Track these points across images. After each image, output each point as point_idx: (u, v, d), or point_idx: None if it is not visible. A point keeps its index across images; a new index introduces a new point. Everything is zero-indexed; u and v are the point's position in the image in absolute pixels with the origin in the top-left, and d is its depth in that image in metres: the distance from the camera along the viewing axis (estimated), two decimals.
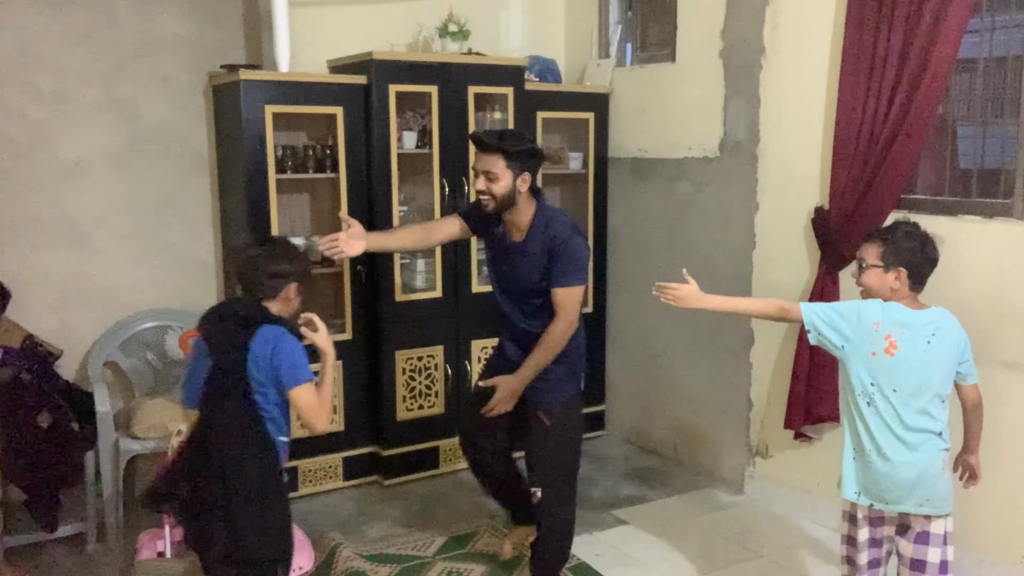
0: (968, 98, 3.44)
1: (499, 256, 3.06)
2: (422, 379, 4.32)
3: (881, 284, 2.58)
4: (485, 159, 2.87)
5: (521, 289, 3.00)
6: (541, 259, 2.91)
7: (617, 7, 4.93)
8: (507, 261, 3.01)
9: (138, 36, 4.09)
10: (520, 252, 2.96)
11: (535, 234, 2.93)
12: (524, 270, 2.96)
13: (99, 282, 4.09)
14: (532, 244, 2.93)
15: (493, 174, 2.85)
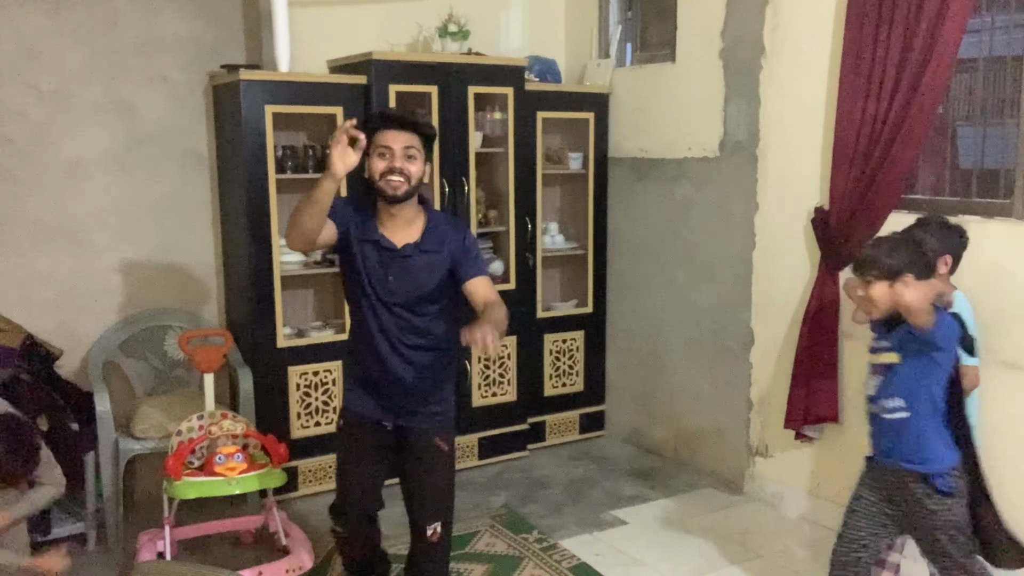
0: (968, 98, 3.44)
1: (380, 263, 2.62)
2: None
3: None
4: (401, 135, 2.56)
5: (414, 298, 2.64)
6: (444, 256, 2.63)
7: (617, 7, 4.93)
8: (395, 267, 2.62)
9: (138, 36, 4.09)
10: (418, 252, 2.62)
11: (432, 230, 2.64)
12: (423, 273, 2.63)
13: (99, 282, 4.09)
14: (430, 241, 2.63)
15: (414, 150, 2.56)
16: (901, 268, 2.50)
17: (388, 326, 2.66)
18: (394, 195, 2.55)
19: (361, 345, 2.72)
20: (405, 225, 2.63)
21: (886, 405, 2.61)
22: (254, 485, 3.29)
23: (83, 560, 3.53)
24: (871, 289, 2.55)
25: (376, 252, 2.62)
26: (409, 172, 2.55)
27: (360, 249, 2.63)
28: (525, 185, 4.53)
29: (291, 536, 3.44)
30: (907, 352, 2.57)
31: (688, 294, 4.47)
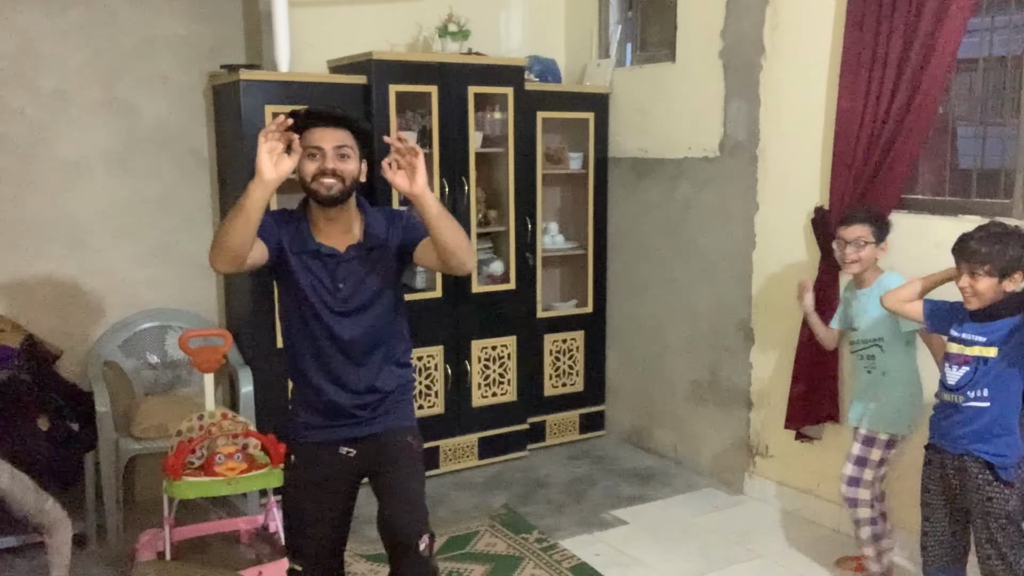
0: (968, 98, 3.44)
1: (327, 273, 2.40)
2: (422, 379, 4.32)
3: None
4: (332, 133, 2.34)
5: (370, 299, 2.44)
6: (390, 246, 2.45)
7: (617, 7, 4.93)
8: (343, 272, 2.40)
9: (138, 36, 4.09)
10: (363, 252, 2.42)
11: (372, 226, 2.45)
12: (374, 272, 2.44)
13: (99, 282, 4.09)
14: (373, 238, 2.43)
15: (347, 149, 2.35)
16: (1017, 265, 2.56)
17: (345, 336, 2.42)
18: (328, 196, 2.32)
19: (312, 365, 2.44)
20: (344, 228, 2.42)
21: (970, 395, 2.64)
22: (254, 485, 3.29)
23: (83, 560, 3.53)
24: (978, 282, 2.58)
25: (319, 262, 2.39)
26: (343, 172, 2.33)
27: (299, 263, 2.39)
28: (525, 185, 4.53)
29: None
30: (1007, 348, 2.59)
31: (688, 294, 4.47)
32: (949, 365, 2.71)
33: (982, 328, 2.64)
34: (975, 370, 2.64)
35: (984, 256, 2.56)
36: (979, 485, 2.63)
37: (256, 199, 2.16)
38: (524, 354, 4.65)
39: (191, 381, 4.14)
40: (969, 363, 2.65)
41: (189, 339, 3.59)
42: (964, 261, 2.62)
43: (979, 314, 2.65)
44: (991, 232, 2.61)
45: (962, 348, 2.67)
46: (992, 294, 2.60)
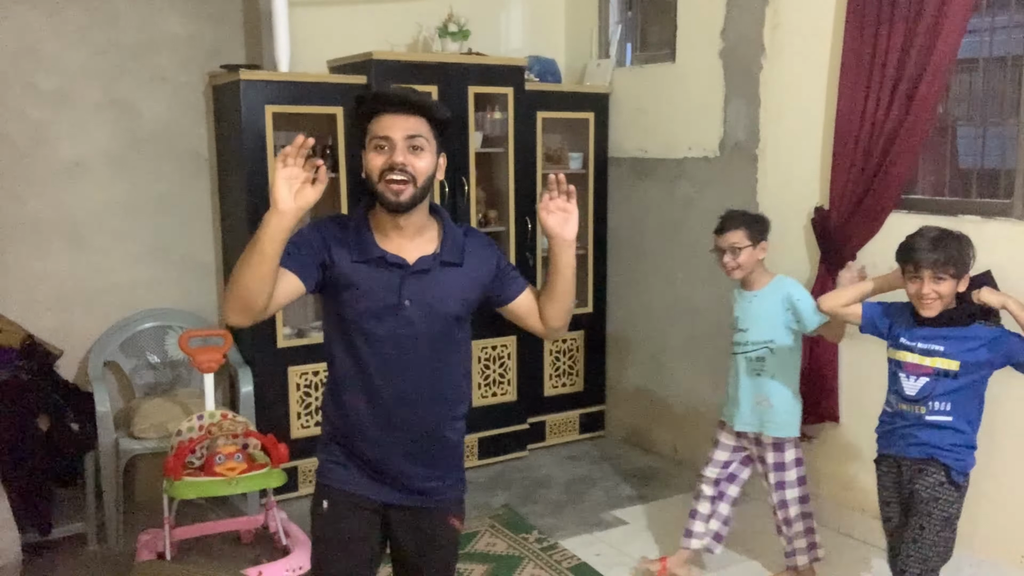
0: (968, 98, 3.44)
1: (390, 286, 1.99)
2: None
3: None
4: (404, 121, 1.94)
5: (439, 325, 2.03)
6: (469, 274, 2.05)
7: (617, 7, 4.93)
8: (411, 287, 1.99)
9: (138, 36, 4.09)
10: (439, 265, 2.02)
11: (451, 239, 2.05)
12: (448, 291, 2.03)
13: (99, 282, 4.09)
14: (451, 252, 2.03)
15: (421, 140, 1.93)
16: (968, 266, 2.55)
17: (400, 370, 2.02)
18: (396, 202, 1.92)
19: (357, 401, 2.05)
20: (415, 236, 2.01)
21: (933, 407, 2.59)
22: (254, 485, 3.29)
23: (83, 560, 3.53)
24: (942, 287, 2.53)
25: (382, 273, 1.98)
26: (415, 169, 1.92)
27: (358, 273, 1.98)
28: (525, 185, 4.53)
29: (291, 536, 3.44)
30: (971, 360, 2.54)
31: (688, 294, 4.47)
32: (905, 375, 2.64)
33: (936, 335, 2.59)
34: (935, 382, 2.58)
35: (946, 260, 2.51)
36: (931, 485, 2.60)
37: (272, 232, 1.81)
38: (524, 354, 4.65)
39: (191, 381, 4.15)
40: (928, 374, 2.59)
41: (189, 339, 3.59)
42: (926, 268, 2.54)
43: (928, 320, 2.58)
44: (938, 236, 2.56)
45: (920, 359, 2.61)
46: (950, 297, 2.56)
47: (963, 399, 2.58)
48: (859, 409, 3.64)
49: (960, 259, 2.53)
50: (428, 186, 1.98)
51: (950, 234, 2.56)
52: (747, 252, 3.10)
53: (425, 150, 1.95)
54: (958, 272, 2.53)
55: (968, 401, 2.59)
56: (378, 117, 1.95)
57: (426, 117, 1.96)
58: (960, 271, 2.54)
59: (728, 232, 3.11)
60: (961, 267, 2.53)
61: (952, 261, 2.51)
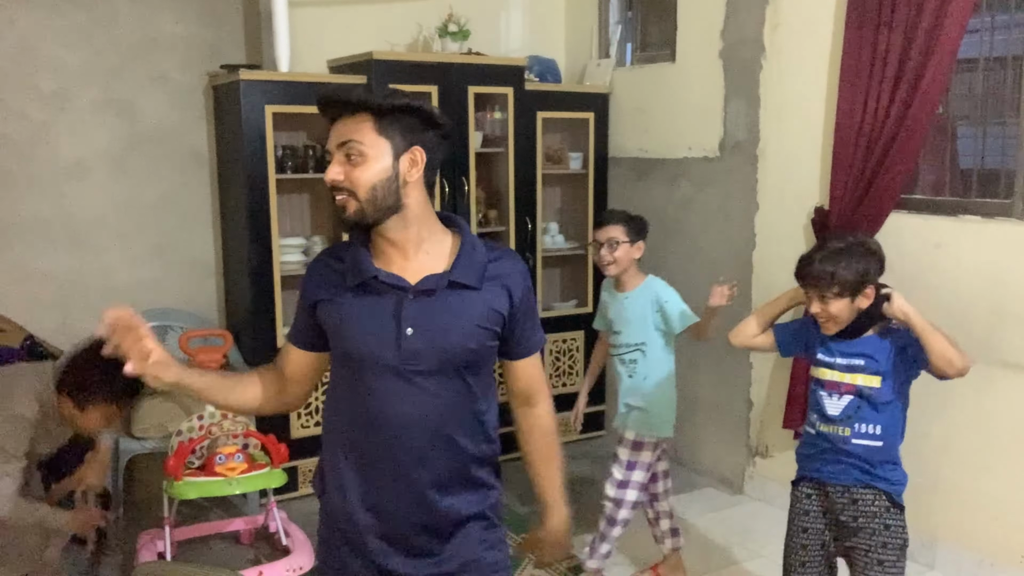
0: (968, 98, 3.44)
1: (387, 312, 1.65)
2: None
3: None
4: (340, 128, 1.64)
5: (451, 359, 1.66)
6: (489, 298, 1.68)
7: (617, 7, 4.93)
8: (413, 312, 1.64)
9: (138, 36, 4.10)
10: (447, 287, 1.66)
11: (468, 257, 1.68)
12: (458, 315, 1.66)
13: (99, 282, 4.09)
14: (466, 272, 1.67)
15: (355, 147, 1.60)
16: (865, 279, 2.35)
17: (402, 412, 1.66)
18: (343, 219, 1.64)
19: (354, 456, 1.72)
20: (416, 253, 1.68)
21: (859, 429, 2.42)
22: (254, 485, 3.29)
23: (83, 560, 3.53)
24: (830, 306, 2.37)
25: (376, 297, 1.66)
26: (351, 181, 1.60)
27: (349, 301, 1.68)
28: (525, 185, 4.53)
29: (291, 536, 3.44)
30: (890, 376, 2.39)
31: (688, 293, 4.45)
32: (826, 393, 2.47)
33: (852, 348, 2.43)
34: (860, 399, 2.41)
35: (830, 277, 2.34)
36: (875, 514, 2.40)
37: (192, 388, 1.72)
38: None
39: None
40: (852, 392, 2.42)
41: (189, 339, 3.59)
42: (811, 286, 2.40)
43: (842, 332, 2.44)
44: (831, 249, 2.39)
45: (841, 376, 2.44)
46: (848, 314, 2.39)
47: (890, 416, 2.40)
48: None
49: (849, 274, 2.33)
50: (383, 195, 1.61)
51: (845, 246, 2.38)
52: (624, 248, 3.10)
53: (365, 155, 1.60)
54: (846, 290, 2.35)
55: (894, 417, 2.42)
56: (333, 126, 1.68)
57: (369, 112, 1.62)
58: (851, 288, 2.35)
59: (608, 226, 3.12)
60: (852, 285, 2.34)
61: (837, 279, 2.33)
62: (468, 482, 1.75)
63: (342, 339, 1.70)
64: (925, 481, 3.29)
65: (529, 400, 1.87)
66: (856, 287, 2.35)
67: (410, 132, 1.64)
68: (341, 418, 1.74)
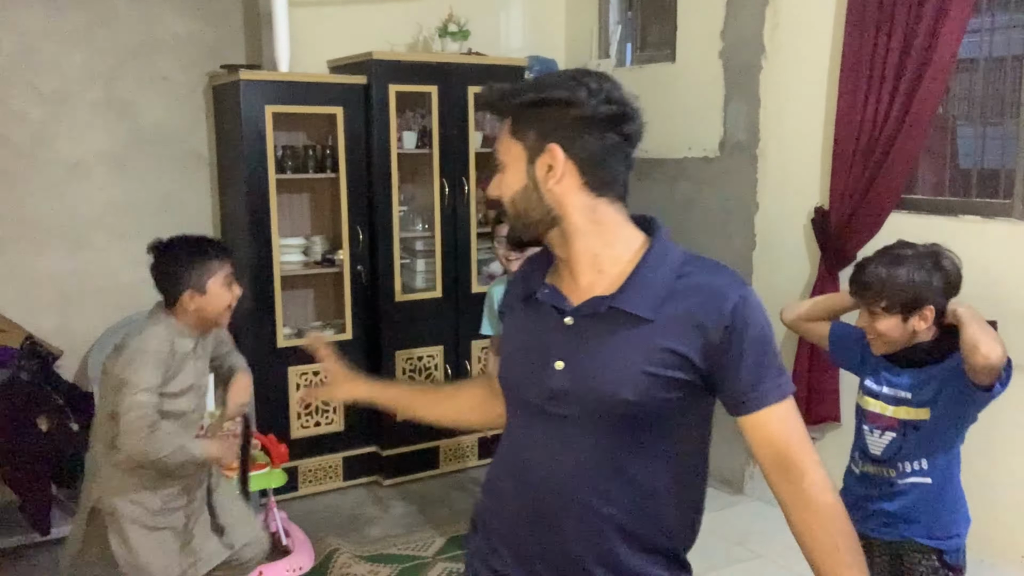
0: (968, 98, 3.44)
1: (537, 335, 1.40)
2: (422, 379, 4.32)
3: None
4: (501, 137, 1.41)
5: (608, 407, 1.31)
6: (660, 336, 1.29)
7: (617, 7, 4.93)
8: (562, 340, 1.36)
9: (138, 36, 4.09)
10: (609, 314, 1.33)
11: (642, 279, 1.34)
12: (617, 355, 1.31)
13: (99, 282, 4.09)
14: (639, 297, 1.32)
15: (499, 155, 1.41)
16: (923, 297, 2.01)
17: (545, 463, 1.36)
18: (512, 239, 1.46)
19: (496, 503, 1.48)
20: (588, 270, 1.38)
21: (905, 468, 2.11)
22: (254, 485, 3.29)
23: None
24: (878, 322, 2.05)
25: (536, 317, 1.42)
26: (499, 192, 1.41)
27: (512, 319, 1.50)
28: None
29: (291, 536, 3.44)
30: (940, 404, 2.07)
31: None
32: (869, 428, 2.17)
33: (902, 380, 2.11)
34: (904, 436, 2.10)
35: (879, 288, 2.01)
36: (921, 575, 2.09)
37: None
38: None
39: None
40: (895, 428, 2.12)
41: None
42: (858, 294, 2.09)
43: (895, 358, 2.12)
44: (893, 255, 2.05)
45: (884, 408, 2.14)
46: (899, 335, 2.04)
47: (940, 450, 2.09)
48: None
49: (901, 287, 2.00)
50: (524, 208, 1.37)
51: (910, 257, 2.04)
52: None
53: (503, 164, 1.40)
54: (896, 306, 2.01)
55: (946, 451, 2.11)
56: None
57: (506, 115, 1.40)
58: (903, 305, 2.01)
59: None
60: (904, 301, 2.00)
61: (886, 291, 2.01)
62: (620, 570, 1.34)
63: (501, 362, 1.48)
64: None
65: (785, 471, 1.32)
66: (909, 304, 1.99)
67: (548, 128, 1.33)
68: (498, 456, 1.49)
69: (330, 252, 4.21)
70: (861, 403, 2.21)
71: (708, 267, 1.36)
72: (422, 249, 4.36)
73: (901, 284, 2.00)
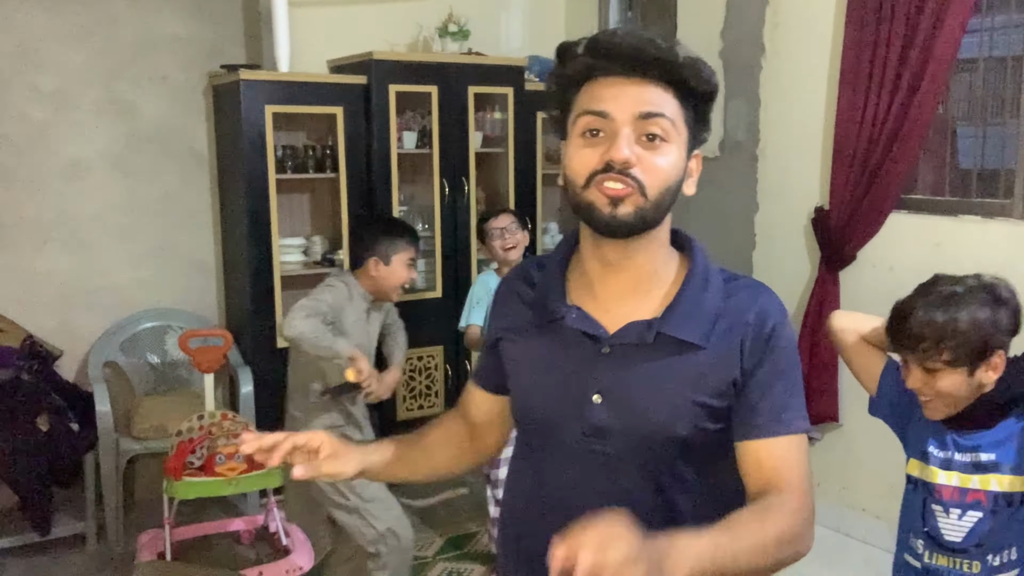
0: (968, 98, 3.44)
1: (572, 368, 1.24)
2: (422, 379, 4.32)
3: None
4: (633, 90, 1.18)
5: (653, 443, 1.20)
6: (712, 363, 1.19)
7: (617, 7, 4.93)
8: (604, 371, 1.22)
9: (138, 36, 4.09)
10: (656, 341, 1.20)
11: (690, 302, 1.22)
12: (668, 386, 1.20)
13: (99, 282, 4.09)
14: (684, 319, 1.21)
15: (664, 125, 1.18)
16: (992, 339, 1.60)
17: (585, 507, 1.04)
18: (609, 216, 1.18)
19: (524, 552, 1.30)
20: (634, 288, 1.24)
21: (992, 562, 1.63)
22: (254, 485, 3.29)
23: (83, 560, 3.53)
24: (939, 380, 1.62)
25: (564, 346, 1.25)
26: (648, 170, 1.17)
27: (527, 349, 1.29)
28: (525, 185, 4.53)
29: (291, 536, 3.44)
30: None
31: None
32: (942, 507, 1.68)
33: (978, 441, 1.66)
34: (994, 515, 1.62)
35: (937, 338, 1.59)
36: None
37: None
38: None
39: (191, 381, 4.14)
40: (982, 504, 1.63)
41: (189, 339, 3.58)
42: (907, 349, 1.65)
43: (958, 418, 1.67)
44: (937, 296, 1.64)
45: (965, 479, 1.65)
46: (965, 392, 1.62)
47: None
48: (859, 409, 3.63)
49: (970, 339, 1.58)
50: (668, 202, 1.21)
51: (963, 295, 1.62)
52: (522, 234, 3.36)
53: (670, 142, 1.19)
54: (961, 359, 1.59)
55: None
56: (594, 81, 1.20)
57: (675, 84, 1.18)
58: (972, 356, 1.59)
59: (501, 215, 3.39)
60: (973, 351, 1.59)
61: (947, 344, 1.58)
62: None
63: (516, 395, 1.32)
64: None
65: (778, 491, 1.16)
66: (977, 353, 1.59)
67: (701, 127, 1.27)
68: (516, 498, 1.33)
69: (330, 252, 4.21)
70: (923, 476, 1.70)
71: (751, 285, 1.26)
72: (422, 249, 4.35)
73: (964, 329, 1.58)
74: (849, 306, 3.57)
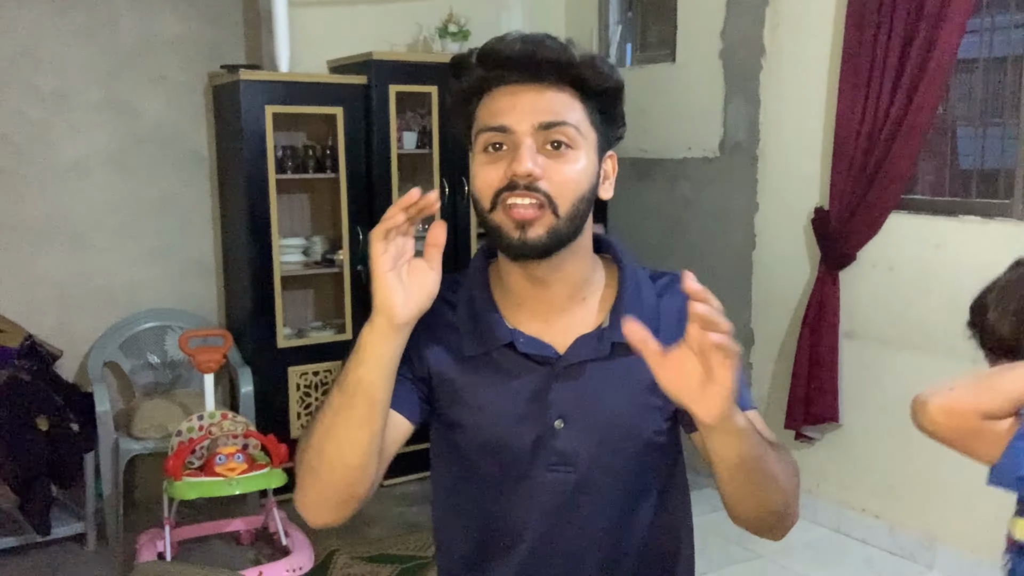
0: (968, 98, 3.44)
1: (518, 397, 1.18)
2: None
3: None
4: (534, 97, 1.11)
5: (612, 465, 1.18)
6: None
7: (617, 7, 4.93)
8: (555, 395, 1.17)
9: (138, 36, 4.09)
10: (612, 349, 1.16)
11: (632, 305, 1.19)
12: (630, 392, 1.17)
13: (99, 282, 4.09)
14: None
15: (567, 132, 1.11)
16: None
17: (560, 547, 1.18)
18: (520, 241, 1.11)
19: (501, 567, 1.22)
20: (568, 302, 1.19)
21: None
22: (254, 485, 3.29)
23: (83, 560, 3.53)
24: None
25: (507, 373, 1.18)
26: (556, 182, 1.10)
27: (468, 383, 1.19)
28: None
29: (291, 536, 3.44)
30: None
31: None
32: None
33: None
34: None
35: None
36: None
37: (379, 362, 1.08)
38: None
39: (191, 381, 4.14)
40: None
41: (189, 339, 3.59)
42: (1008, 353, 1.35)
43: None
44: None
45: None
46: None
47: None
48: (859, 409, 3.64)
49: None
50: (584, 212, 1.13)
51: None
52: None
53: (577, 148, 1.11)
54: None
55: None
56: (490, 93, 1.13)
57: (575, 85, 1.12)
58: None
59: None
60: None
61: None
62: None
63: (465, 429, 1.19)
64: (925, 481, 3.29)
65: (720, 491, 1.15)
66: None
67: (609, 125, 1.16)
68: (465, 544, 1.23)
69: (330, 252, 4.21)
70: None
71: (676, 279, 1.21)
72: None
73: None
74: (849, 306, 3.58)
